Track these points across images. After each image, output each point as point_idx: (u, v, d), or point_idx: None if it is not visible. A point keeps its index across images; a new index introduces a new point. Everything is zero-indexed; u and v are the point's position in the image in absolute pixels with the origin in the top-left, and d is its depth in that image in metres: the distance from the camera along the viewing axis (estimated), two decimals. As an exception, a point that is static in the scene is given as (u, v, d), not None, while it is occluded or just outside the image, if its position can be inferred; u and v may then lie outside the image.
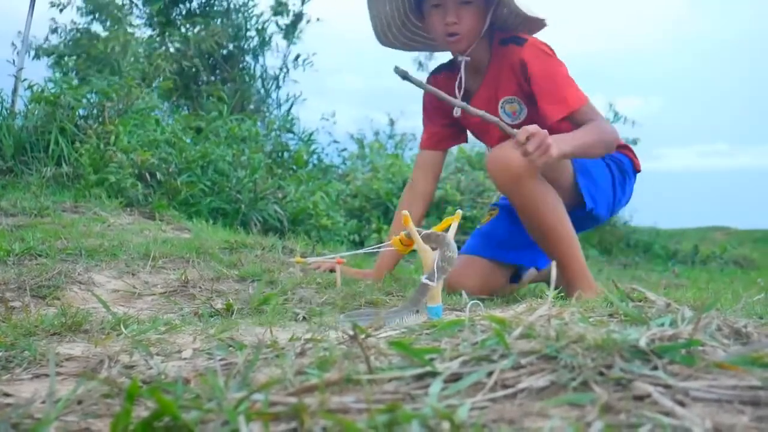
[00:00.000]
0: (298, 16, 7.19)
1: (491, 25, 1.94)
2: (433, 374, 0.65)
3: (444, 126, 2.13)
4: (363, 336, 0.78)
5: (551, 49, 1.90)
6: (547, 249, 1.86)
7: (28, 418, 0.63)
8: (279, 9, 7.08)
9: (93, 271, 1.81)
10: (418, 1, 1.96)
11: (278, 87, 7.17)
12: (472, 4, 1.88)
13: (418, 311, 1.37)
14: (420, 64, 9.67)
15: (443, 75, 2.12)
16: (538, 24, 1.95)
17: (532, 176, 1.74)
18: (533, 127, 1.60)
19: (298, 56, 7.26)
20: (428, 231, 1.42)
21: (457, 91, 1.98)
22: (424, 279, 1.37)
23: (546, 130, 1.61)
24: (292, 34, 7.16)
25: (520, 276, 2.21)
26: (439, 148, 2.17)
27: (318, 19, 7.31)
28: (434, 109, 2.14)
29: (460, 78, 1.97)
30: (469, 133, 2.20)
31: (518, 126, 1.82)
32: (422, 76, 2.01)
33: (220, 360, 0.91)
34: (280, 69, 7.20)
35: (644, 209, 8.12)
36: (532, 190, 1.76)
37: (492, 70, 1.97)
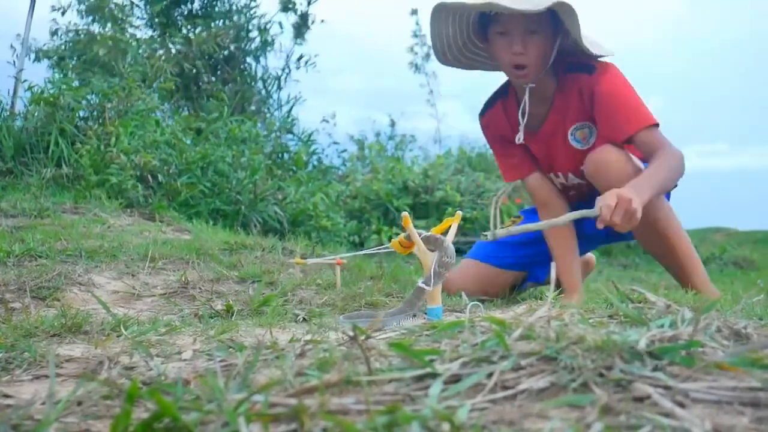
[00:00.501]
0: (304, 17, 7.21)
1: (562, 52, 1.87)
2: (433, 375, 0.65)
3: (523, 151, 2.03)
4: (363, 337, 0.78)
5: (620, 73, 1.84)
6: (667, 265, 1.93)
7: (28, 419, 0.63)
8: (288, 5, 7.09)
9: (93, 272, 1.81)
10: (482, 25, 1.88)
11: (280, 88, 7.18)
12: (539, 34, 1.79)
13: (414, 315, 1.37)
14: (416, 67, 9.67)
15: (499, 105, 2.04)
16: (606, 51, 1.88)
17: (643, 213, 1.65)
18: (611, 198, 1.51)
19: (301, 57, 7.27)
20: (427, 233, 1.42)
21: (521, 118, 1.91)
22: (420, 283, 1.37)
23: (626, 195, 1.51)
24: (303, 33, 7.18)
25: (523, 288, 2.20)
26: (534, 170, 2.04)
27: (323, 21, 7.33)
28: (504, 141, 2.04)
29: (524, 106, 1.89)
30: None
31: (587, 151, 1.84)
32: (421, 78, 1.98)
33: (220, 361, 0.91)
34: (283, 69, 7.21)
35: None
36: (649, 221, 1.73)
37: (559, 98, 1.90)
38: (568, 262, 1.93)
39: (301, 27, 7.19)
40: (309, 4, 7.23)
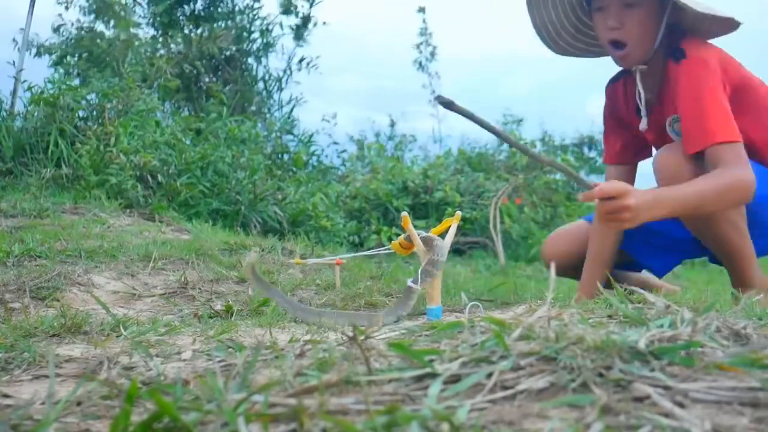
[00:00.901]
0: (306, 19, 7.21)
1: (673, 28, 1.68)
2: (433, 375, 0.65)
3: (628, 138, 1.91)
4: (362, 337, 0.78)
5: (714, 67, 1.61)
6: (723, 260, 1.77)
7: (28, 419, 0.63)
8: (288, 8, 7.10)
9: (92, 272, 1.81)
10: (589, 2, 1.73)
11: (281, 89, 7.19)
12: (638, 7, 1.62)
13: (399, 316, 1.37)
14: (420, 65, 9.67)
15: (621, 83, 1.89)
16: (729, 24, 1.66)
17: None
18: (614, 189, 1.40)
19: (302, 59, 7.28)
20: (426, 234, 1.42)
21: (639, 103, 1.77)
22: (410, 282, 1.38)
23: (628, 197, 1.40)
24: (302, 36, 7.19)
25: (630, 269, 2.03)
26: (628, 162, 1.93)
27: (324, 23, 7.34)
28: (616, 121, 1.92)
29: (638, 91, 1.75)
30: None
31: None
32: (422, 78, 1.96)
33: (220, 361, 0.91)
34: (284, 71, 7.22)
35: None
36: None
37: (665, 84, 1.73)
38: (592, 267, 1.84)
39: (301, 29, 7.20)
40: (311, 6, 7.23)
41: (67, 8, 6.28)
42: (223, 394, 0.60)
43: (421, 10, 9.52)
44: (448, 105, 1.46)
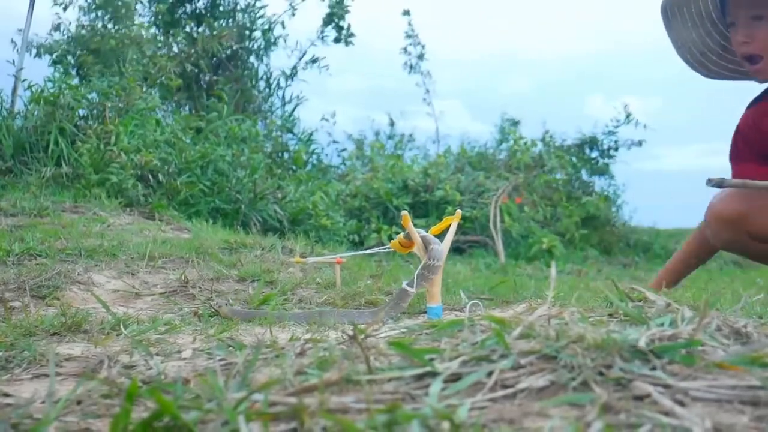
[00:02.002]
0: (346, 29, 7.25)
1: None
2: (433, 374, 0.65)
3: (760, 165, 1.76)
4: (362, 336, 0.78)
5: None
6: None
7: (28, 418, 0.63)
8: (333, 18, 7.15)
9: (93, 271, 1.81)
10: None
11: (288, 86, 7.19)
12: (765, 21, 1.56)
13: (391, 316, 1.37)
14: (411, 67, 9.64)
15: (762, 105, 1.77)
16: None
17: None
18: None
19: (314, 59, 7.28)
20: (425, 234, 1.42)
21: None
22: (405, 284, 1.38)
23: None
24: (347, 41, 7.23)
25: None
26: None
27: (353, 35, 7.37)
28: (748, 146, 1.76)
29: None
30: None
31: None
32: (417, 78, 1.95)
33: (220, 360, 0.91)
34: (292, 69, 7.22)
35: (644, 209, 8.13)
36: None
37: None
38: (675, 268, 1.87)
39: (344, 37, 7.26)
40: (345, 12, 7.26)
41: (65, 9, 6.27)
42: (223, 393, 0.60)
43: (406, 12, 9.49)
44: (719, 184, 1.50)
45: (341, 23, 7.28)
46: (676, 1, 1.65)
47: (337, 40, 7.30)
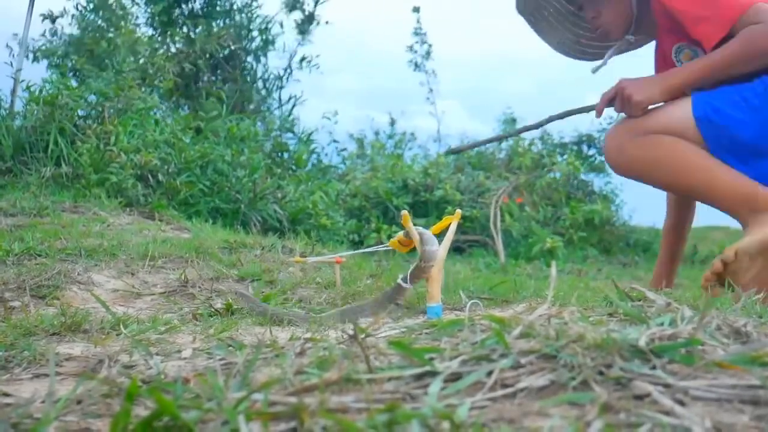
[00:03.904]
0: (311, 17, 7.21)
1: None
2: (433, 374, 0.65)
3: None
4: (362, 335, 0.78)
5: None
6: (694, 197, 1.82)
7: (28, 417, 0.63)
8: (295, 4, 7.10)
9: (92, 270, 1.81)
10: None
11: (282, 87, 7.18)
12: None
13: (385, 311, 1.37)
14: (416, 65, 9.66)
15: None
16: None
17: (631, 139, 1.67)
18: (609, 92, 1.61)
19: (303, 58, 7.27)
20: (424, 231, 1.42)
21: (655, 64, 1.92)
22: (399, 279, 1.38)
23: (621, 81, 1.60)
24: (306, 31, 7.20)
25: None
26: None
27: (327, 22, 7.34)
28: None
29: (608, 58, 1.91)
30: None
31: None
32: (420, 77, 2.01)
33: (220, 360, 0.91)
34: (285, 69, 7.21)
35: (644, 209, 8.13)
36: (637, 151, 1.68)
37: (657, 32, 1.87)
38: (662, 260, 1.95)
39: (305, 24, 7.20)
40: (316, 4, 7.23)
41: (53, 21, 6.27)
42: (223, 393, 0.60)
43: (416, 9, 9.48)
44: (456, 152, 1.68)
45: (311, 14, 7.24)
46: (529, 9, 1.88)
47: (301, 32, 7.27)
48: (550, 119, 1.73)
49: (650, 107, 1.68)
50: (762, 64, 1.56)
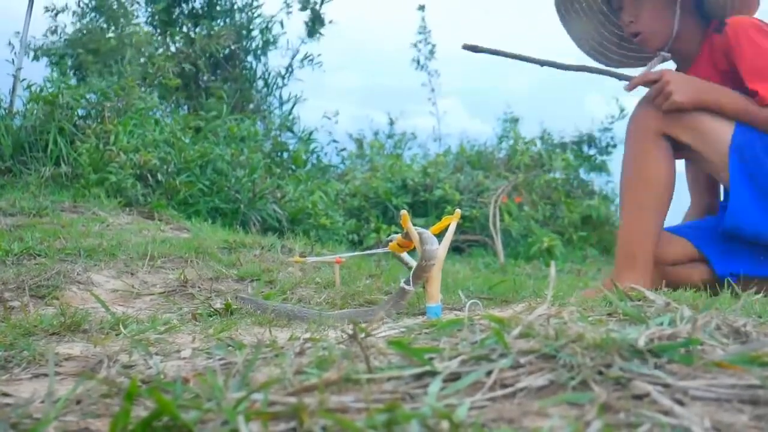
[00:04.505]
0: (317, 16, 7.20)
1: (702, 13, 1.79)
2: (432, 374, 0.65)
3: None
4: (362, 335, 0.78)
5: (757, 23, 1.68)
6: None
7: (27, 417, 0.63)
8: (306, 4, 7.10)
9: (92, 270, 1.81)
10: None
11: (284, 85, 7.17)
12: (647, 1, 1.78)
13: (391, 314, 1.37)
14: (418, 63, 9.65)
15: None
16: (751, 3, 1.75)
17: (647, 133, 1.66)
18: (653, 73, 1.58)
19: (306, 56, 7.26)
20: (424, 231, 1.42)
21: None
22: (402, 283, 1.38)
23: (666, 74, 1.58)
24: (317, 31, 7.18)
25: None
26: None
27: (331, 21, 7.33)
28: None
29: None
30: None
31: None
32: (422, 76, 2.01)
33: (219, 359, 0.91)
34: (287, 68, 7.20)
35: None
36: (637, 143, 1.69)
37: (696, 64, 1.81)
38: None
39: (316, 24, 7.19)
40: (322, 3, 7.21)
41: (56, 15, 6.25)
42: (222, 393, 0.60)
43: (421, 8, 9.48)
44: (473, 49, 1.65)
45: (318, 13, 7.23)
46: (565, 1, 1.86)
47: (310, 34, 7.27)
48: (581, 67, 1.71)
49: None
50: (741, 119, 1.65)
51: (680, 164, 1.94)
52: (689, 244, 1.82)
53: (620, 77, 1.71)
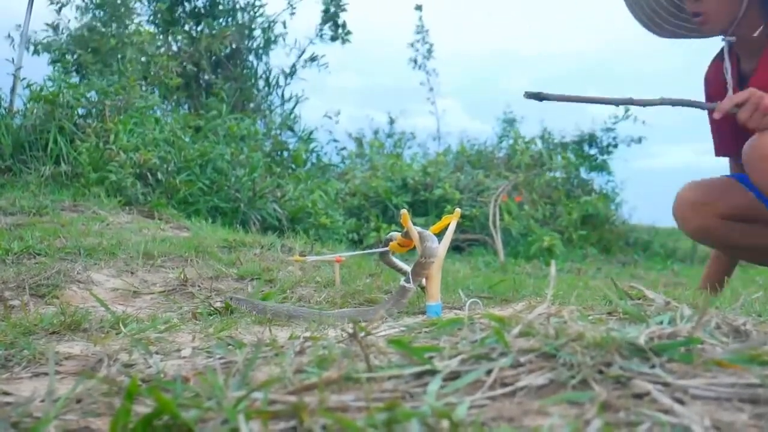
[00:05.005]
0: (342, 24, 7.23)
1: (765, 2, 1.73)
2: (432, 372, 0.65)
3: (724, 126, 1.88)
4: (362, 334, 0.78)
5: None
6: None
7: (28, 416, 0.63)
8: (333, 17, 7.12)
9: (92, 269, 1.81)
10: None
11: (287, 84, 7.18)
12: None
13: (393, 313, 1.37)
14: (415, 63, 9.65)
15: (715, 64, 1.93)
16: None
17: None
18: (742, 94, 1.51)
19: (313, 56, 7.26)
20: (422, 230, 1.42)
21: (728, 77, 1.78)
22: (402, 282, 1.38)
23: (756, 92, 1.51)
24: (344, 38, 7.21)
25: None
26: (733, 152, 1.91)
27: (348, 31, 7.34)
28: (711, 101, 1.88)
29: (726, 65, 1.79)
30: None
31: None
32: (421, 75, 1.99)
33: (220, 358, 0.91)
34: (291, 67, 7.20)
35: (643, 207, 8.14)
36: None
37: (765, 52, 1.75)
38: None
39: (341, 33, 7.22)
40: (342, 11, 7.23)
41: (60, 9, 6.24)
42: (223, 392, 0.60)
43: (418, 8, 9.48)
44: (537, 97, 1.57)
45: (338, 20, 7.27)
46: None
47: (333, 39, 7.29)
48: (663, 101, 1.64)
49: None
50: None
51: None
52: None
53: (703, 107, 1.64)
